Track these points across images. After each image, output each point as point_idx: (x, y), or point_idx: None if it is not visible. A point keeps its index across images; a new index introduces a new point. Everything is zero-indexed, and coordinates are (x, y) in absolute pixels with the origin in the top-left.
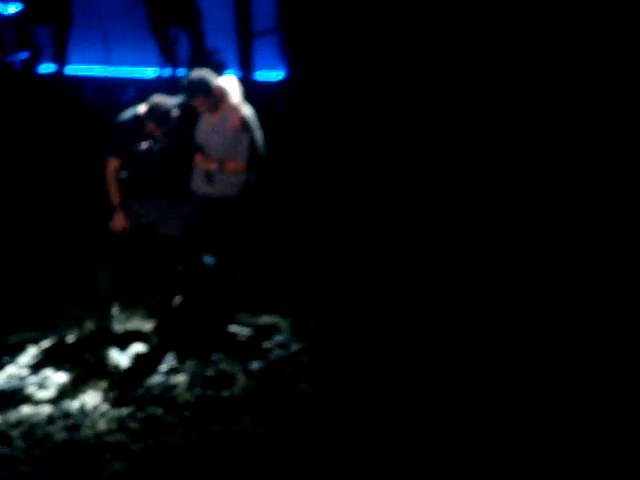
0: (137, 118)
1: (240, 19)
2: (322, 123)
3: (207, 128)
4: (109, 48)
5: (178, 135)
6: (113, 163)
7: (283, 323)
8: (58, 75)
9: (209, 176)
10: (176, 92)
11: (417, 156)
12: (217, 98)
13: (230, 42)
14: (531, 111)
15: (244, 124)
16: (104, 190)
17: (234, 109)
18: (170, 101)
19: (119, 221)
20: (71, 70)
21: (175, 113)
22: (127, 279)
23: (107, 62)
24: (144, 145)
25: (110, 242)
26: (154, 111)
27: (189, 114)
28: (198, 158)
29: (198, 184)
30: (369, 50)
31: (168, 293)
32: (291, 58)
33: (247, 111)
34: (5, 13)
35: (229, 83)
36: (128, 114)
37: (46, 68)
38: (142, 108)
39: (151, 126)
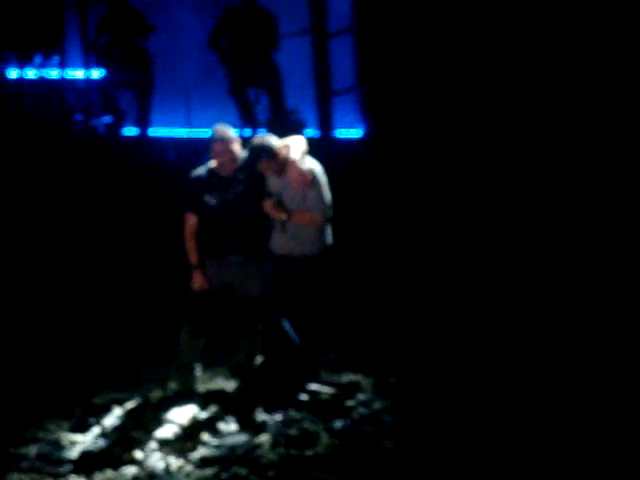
0: (211, 172)
1: (319, 78)
2: (401, 180)
3: (277, 187)
4: (190, 110)
5: (252, 190)
6: (191, 219)
7: (365, 381)
8: (141, 138)
9: (283, 225)
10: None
11: (503, 212)
12: (282, 160)
13: (309, 101)
14: (621, 154)
15: (310, 179)
16: (185, 250)
17: (292, 164)
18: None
19: (199, 281)
20: (153, 132)
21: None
22: (209, 339)
23: (188, 124)
24: (214, 197)
25: (191, 302)
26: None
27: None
28: (267, 203)
29: (276, 243)
30: (448, 106)
31: (250, 352)
32: (371, 116)
33: (313, 167)
34: (89, 78)
35: (293, 141)
36: (201, 169)
37: (129, 131)
38: (214, 163)
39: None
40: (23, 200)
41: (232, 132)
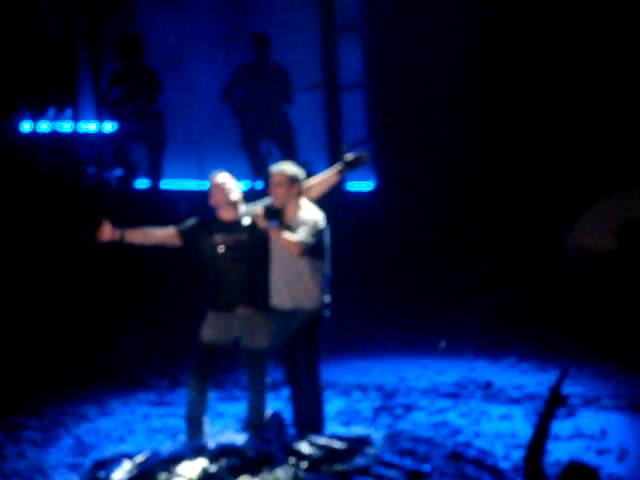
0: (214, 218)
1: (331, 131)
2: (411, 232)
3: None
4: (202, 163)
5: (257, 238)
6: (169, 229)
7: (376, 434)
8: (153, 190)
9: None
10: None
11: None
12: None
13: (321, 154)
14: None
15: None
16: (200, 301)
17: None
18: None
19: (106, 230)
20: (165, 185)
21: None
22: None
23: (200, 176)
24: (221, 249)
25: (196, 358)
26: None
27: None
28: (258, 211)
29: (276, 298)
30: (458, 160)
31: (259, 406)
32: (381, 169)
33: (315, 214)
34: (102, 131)
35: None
36: (207, 216)
37: (141, 183)
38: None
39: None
40: (33, 254)
41: (228, 177)
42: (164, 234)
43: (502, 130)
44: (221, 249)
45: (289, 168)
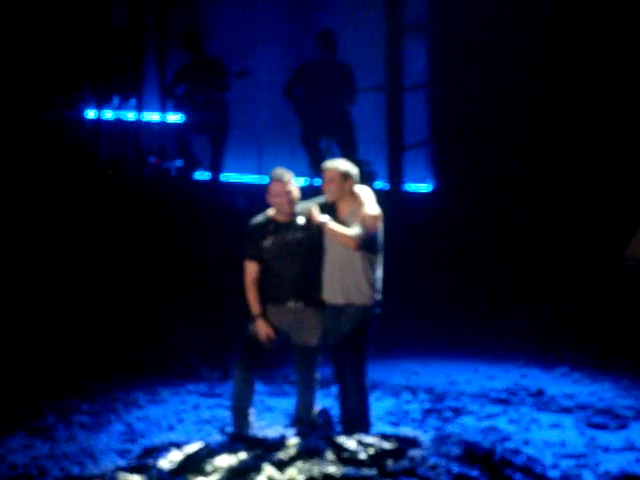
0: (269, 218)
1: (392, 131)
2: (468, 236)
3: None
4: (262, 158)
5: (311, 236)
6: (251, 267)
7: (425, 436)
8: (213, 182)
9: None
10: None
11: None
12: (350, 187)
13: (381, 154)
14: None
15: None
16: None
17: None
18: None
19: (264, 329)
20: (225, 178)
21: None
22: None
23: (259, 171)
24: (271, 242)
25: (244, 349)
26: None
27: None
28: (313, 207)
29: (328, 292)
30: (518, 163)
31: (308, 402)
32: (440, 171)
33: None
34: (164, 121)
35: (364, 191)
36: (260, 216)
37: (201, 175)
38: (272, 210)
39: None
40: (90, 240)
41: (291, 175)
42: (256, 272)
43: (565, 136)
44: (273, 247)
45: (342, 164)
